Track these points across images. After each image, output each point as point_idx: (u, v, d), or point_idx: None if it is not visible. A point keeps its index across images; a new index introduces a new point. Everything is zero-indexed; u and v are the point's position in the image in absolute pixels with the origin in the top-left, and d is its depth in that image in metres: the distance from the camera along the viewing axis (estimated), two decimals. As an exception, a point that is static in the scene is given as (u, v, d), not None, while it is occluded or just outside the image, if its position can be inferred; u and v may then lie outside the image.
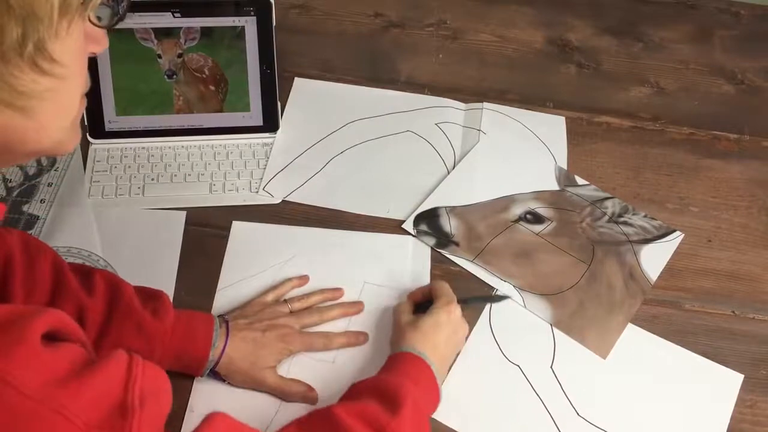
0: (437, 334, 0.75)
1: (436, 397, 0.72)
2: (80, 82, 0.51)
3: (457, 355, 0.79)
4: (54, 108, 0.49)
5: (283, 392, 0.76)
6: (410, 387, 0.68)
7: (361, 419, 0.63)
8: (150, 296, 0.74)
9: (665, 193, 0.97)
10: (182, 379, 0.77)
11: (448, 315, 0.76)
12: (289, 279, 0.84)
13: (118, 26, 0.52)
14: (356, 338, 0.81)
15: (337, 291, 0.84)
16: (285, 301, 0.82)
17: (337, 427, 0.63)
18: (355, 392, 0.69)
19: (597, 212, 0.94)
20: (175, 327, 0.73)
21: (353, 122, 1.01)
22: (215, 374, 0.76)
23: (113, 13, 0.51)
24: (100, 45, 0.52)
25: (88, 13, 0.48)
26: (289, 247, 0.87)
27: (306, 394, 0.76)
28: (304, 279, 0.85)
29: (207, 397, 0.76)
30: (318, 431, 0.64)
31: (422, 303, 0.81)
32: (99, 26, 0.51)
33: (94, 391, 0.47)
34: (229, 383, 0.77)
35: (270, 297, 0.82)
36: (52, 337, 0.47)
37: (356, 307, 0.83)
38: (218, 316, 0.77)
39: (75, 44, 0.48)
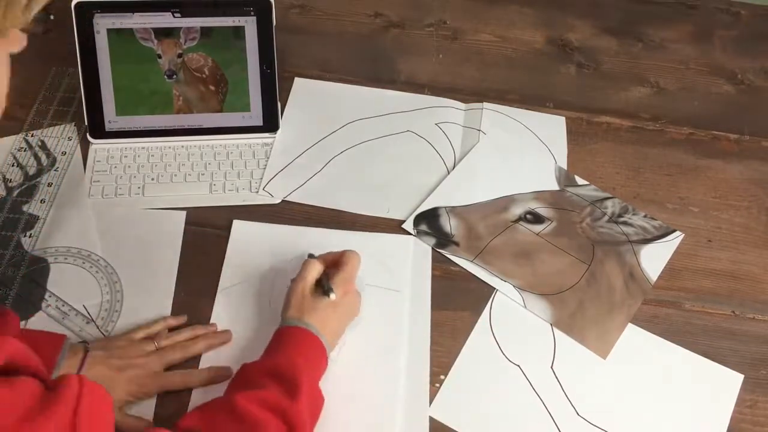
0: (331, 312, 0.76)
1: (324, 365, 0.74)
2: None
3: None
4: None
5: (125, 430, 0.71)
6: (304, 367, 0.69)
7: (262, 406, 0.65)
8: None
9: (665, 193, 0.97)
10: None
11: (345, 294, 0.77)
12: (164, 318, 0.80)
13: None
14: (218, 373, 0.76)
15: (210, 327, 0.80)
16: (152, 337, 0.77)
17: (239, 415, 0.64)
18: (250, 376, 0.70)
19: (597, 212, 0.94)
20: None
21: (353, 122, 1.01)
22: None
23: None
24: (18, 44, 0.50)
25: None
26: (289, 247, 0.87)
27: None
28: (179, 319, 0.81)
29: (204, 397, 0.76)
30: (220, 419, 0.64)
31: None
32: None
33: (51, 424, 0.49)
34: None
35: (139, 334, 0.77)
36: (7, 371, 0.48)
37: (222, 337, 0.79)
38: (81, 342, 0.75)
39: None
